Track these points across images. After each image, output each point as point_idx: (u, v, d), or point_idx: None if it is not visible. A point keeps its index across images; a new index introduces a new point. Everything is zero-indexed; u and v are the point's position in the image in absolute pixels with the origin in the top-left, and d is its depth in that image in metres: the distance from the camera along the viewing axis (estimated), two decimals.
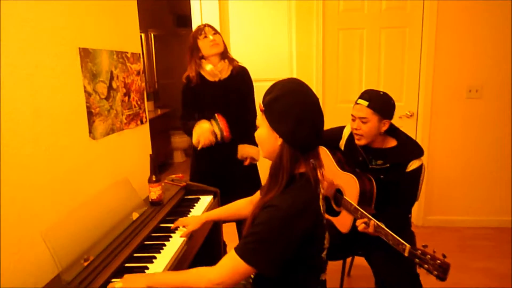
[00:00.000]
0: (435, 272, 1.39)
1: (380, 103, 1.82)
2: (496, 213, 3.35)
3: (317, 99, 1.21)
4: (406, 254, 1.52)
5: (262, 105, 1.23)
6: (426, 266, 1.42)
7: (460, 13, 3.05)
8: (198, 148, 2.32)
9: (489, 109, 3.18)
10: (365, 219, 1.69)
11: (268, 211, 1.14)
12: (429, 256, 1.42)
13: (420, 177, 1.90)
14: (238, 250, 1.15)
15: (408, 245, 1.51)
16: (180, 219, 1.77)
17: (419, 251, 1.46)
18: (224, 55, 2.43)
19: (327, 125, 2.98)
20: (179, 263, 1.55)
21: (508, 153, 3.23)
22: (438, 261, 1.39)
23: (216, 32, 2.39)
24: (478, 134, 3.24)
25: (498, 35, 3.05)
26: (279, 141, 1.19)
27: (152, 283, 1.22)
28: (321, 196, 1.26)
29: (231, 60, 2.46)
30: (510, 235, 3.21)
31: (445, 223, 3.41)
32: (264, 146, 1.25)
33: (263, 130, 1.23)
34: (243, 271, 1.14)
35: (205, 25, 2.40)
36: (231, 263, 1.15)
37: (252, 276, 1.42)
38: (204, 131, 2.28)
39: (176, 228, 1.75)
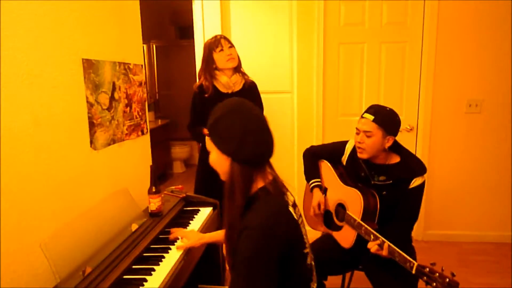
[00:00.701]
0: None
1: (386, 118, 1.82)
2: (496, 228, 3.34)
3: (258, 114, 1.22)
4: (413, 271, 1.49)
5: (206, 130, 1.24)
6: (434, 284, 1.40)
7: (460, 29, 3.08)
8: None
9: (488, 124, 3.20)
10: (379, 241, 1.66)
11: (246, 235, 1.12)
12: (437, 274, 1.40)
13: (422, 194, 1.89)
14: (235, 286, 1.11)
15: (416, 263, 1.49)
16: (180, 229, 1.76)
17: (427, 269, 1.43)
18: (238, 68, 2.47)
19: (328, 139, 2.97)
20: (178, 276, 1.54)
21: (508, 169, 3.23)
22: (447, 280, 1.36)
23: (231, 45, 2.43)
24: (478, 149, 3.25)
25: (498, 51, 3.07)
26: (228, 161, 1.19)
27: None
28: (290, 203, 1.25)
29: (243, 74, 2.51)
30: (510, 251, 3.19)
31: (445, 238, 3.40)
32: (219, 169, 1.24)
33: (213, 154, 1.23)
34: None
35: (221, 37, 2.43)
36: None
37: None
38: None
39: (175, 240, 1.74)
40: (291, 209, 1.24)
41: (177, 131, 5.83)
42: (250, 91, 2.52)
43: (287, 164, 3.44)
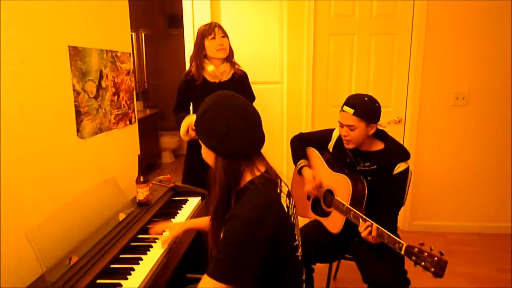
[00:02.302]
0: (433, 269, 1.40)
1: (366, 109, 1.83)
2: (481, 219, 3.41)
3: (246, 107, 1.21)
4: (402, 252, 1.53)
5: (193, 125, 1.24)
6: (423, 263, 1.44)
7: (449, 23, 3.10)
8: (184, 139, 2.34)
9: (475, 117, 3.24)
10: (368, 223, 1.69)
11: (231, 223, 1.12)
12: (426, 253, 1.44)
13: (406, 179, 1.92)
14: (212, 273, 1.10)
15: (405, 243, 1.53)
16: (159, 224, 1.70)
17: (416, 249, 1.47)
18: (228, 58, 2.44)
19: (318, 128, 2.99)
20: (166, 265, 1.54)
21: (493, 161, 3.29)
22: (436, 258, 1.40)
23: (225, 34, 2.40)
24: (464, 141, 3.30)
25: (486, 45, 3.11)
26: (214, 154, 1.20)
27: None
28: (283, 195, 1.23)
29: (233, 64, 2.48)
30: (494, 241, 3.26)
31: (430, 228, 3.45)
32: (209, 163, 1.25)
33: (203, 149, 1.24)
34: None
35: (216, 25, 2.38)
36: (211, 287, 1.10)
37: None
38: (192, 122, 2.28)
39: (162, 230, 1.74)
40: (284, 200, 1.22)
41: (166, 121, 5.79)
42: (240, 82, 2.50)
43: (276, 154, 3.45)
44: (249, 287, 1.12)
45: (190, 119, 2.27)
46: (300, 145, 2.18)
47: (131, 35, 2.46)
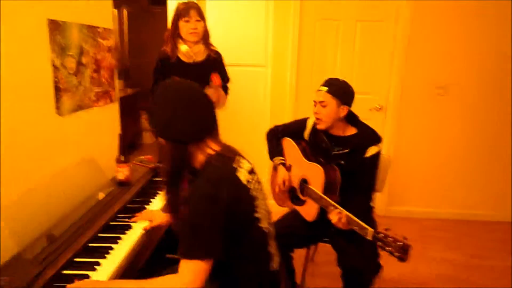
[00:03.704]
0: (397, 254, 1.45)
1: (339, 88, 1.91)
2: (456, 206, 3.51)
3: (188, 91, 1.24)
4: (369, 238, 1.57)
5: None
6: (388, 248, 1.48)
7: (434, 13, 3.12)
8: None
9: (454, 107, 3.30)
10: (338, 210, 1.72)
11: (189, 202, 1.17)
12: (391, 238, 1.48)
13: (378, 162, 1.97)
14: (183, 253, 1.16)
15: (371, 229, 1.57)
16: (143, 213, 1.69)
17: (382, 234, 1.52)
18: (203, 40, 2.40)
19: (301, 114, 3.01)
20: (145, 245, 1.54)
21: (469, 150, 3.38)
22: (399, 243, 1.45)
23: (200, 19, 2.35)
24: (442, 130, 3.36)
25: (468, 36, 3.15)
26: (163, 141, 1.23)
27: None
28: (242, 170, 1.29)
29: (208, 45, 2.44)
30: (467, 227, 3.37)
31: (406, 214, 3.55)
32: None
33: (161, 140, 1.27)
34: (203, 267, 1.15)
35: (192, 7, 2.33)
36: (189, 267, 1.15)
37: None
38: None
39: (144, 208, 1.73)
40: (242, 174, 1.28)
41: (147, 101, 5.67)
42: (214, 62, 2.47)
43: (259, 137, 3.44)
44: (217, 256, 1.19)
45: None
46: (275, 139, 2.21)
47: (113, 12, 2.39)
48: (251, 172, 1.34)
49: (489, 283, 2.59)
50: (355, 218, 1.66)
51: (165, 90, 1.25)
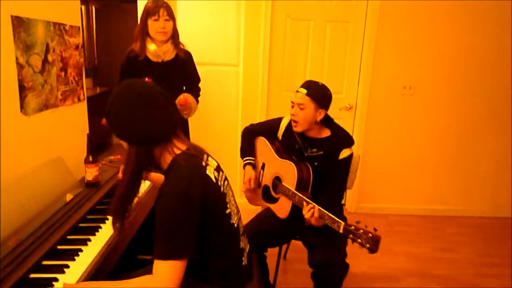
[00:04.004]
0: (368, 245, 1.49)
1: (318, 92, 1.92)
2: (421, 202, 3.64)
3: (146, 92, 1.21)
4: (341, 230, 1.60)
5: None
6: (359, 240, 1.52)
7: (401, 14, 3.21)
8: None
9: (420, 106, 3.42)
10: (311, 205, 1.75)
11: (161, 201, 1.18)
12: (361, 230, 1.52)
13: (350, 164, 2.02)
14: (160, 254, 1.15)
15: (342, 222, 1.61)
16: None
17: (353, 227, 1.56)
18: (173, 40, 2.39)
19: (272, 113, 3.01)
20: (115, 246, 1.51)
21: (435, 147, 3.51)
22: (370, 235, 1.49)
23: (169, 18, 2.33)
24: (409, 129, 3.48)
25: (434, 36, 3.27)
26: (126, 145, 1.24)
27: None
28: (209, 168, 1.30)
29: (177, 44, 2.42)
30: (431, 222, 3.50)
31: (375, 210, 3.65)
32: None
33: (122, 143, 1.27)
34: (180, 266, 1.16)
35: (162, 6, 2.30)
36: (166, 268, 1.15)
37: None
38: None
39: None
40: (210, 172, 1.28)
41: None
42: (183, 62, 2.46)
43: (230, 136, 3.45)
44: (192, 254, 1.19)
45: None
46: (250, 138, 2.23)
47: (81, 8, 2.33)
48: (218, 169, 1.35)
49: (454, 274, 2.70)
50: (327, 212, 1.69)
51: (125, 92, 1.22)
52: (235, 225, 1.38)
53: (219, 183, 1.31)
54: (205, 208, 1.21)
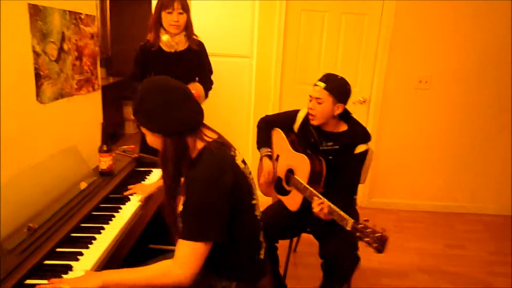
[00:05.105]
0: (374, 245, 1.48)
1: (336, 86, 1.89)
2: (432, 198, 3.61)
3: (177, 85, 1.25)
4: (348, 228, 1.60)
5: (132, 115, 1.28)
6: (366, 239, 1.52)
7: (418, 6, 3.15)
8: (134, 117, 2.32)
9: (435, 101, 3.37)
10: (321, 200, 1.74)
11: (192, 186, 1.19)
12: (369, 229, 1.51)
13: (365, 160, 1.99)
14: (186, 235, 1.18)
15: (351, 220, 1.60)
16: (137, 186, 1.81)
17: (361, 225, 1.55)
18: (185, 31, 2.39)
19: (285, 106, 3.00)
20: (128, 235, 1.53)
21: (448, 143, 3.46)
22: (378, 234, 1.48)
23: (184, 11, 2.32)
24: (423, 124, 3.43)
25: (451, 30, 3.20)
26: (160, 137, 1.23)
27: (109, 282, 1.17)
28: (237, 159, 1.31)
29: (190, 36, 2.42)
30: (441, 219, 3.47)
31: (386, 206, 3.62)
32: (158, 148, 1.28)
33: (148, 135, 1.27)
34: (203, 250, 1.18)
35: None
36: (189, 250, 1.17)
37: None
38: None
39: (126, 199, 1.73)
40: (239, 161, 1.30)
41: (130, 90, 5.60)
42: (196, 52, 2.46)
43: (242, 129, 3.45)
44: (220, 238, 1.21)
45: None
46: (266, 129, 2.21)
47: None
48: (244, 162, 1.36)
49: (465, 272, 2.67)
50: (337, 209, 1.68)
51: (154, 86, 1.24)
52: (258, 217, 1.39)
53: (247, 174, 1.33)
54: (235, 196, 1.23)
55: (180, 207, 1.22)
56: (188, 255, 1.17)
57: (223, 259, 1.32)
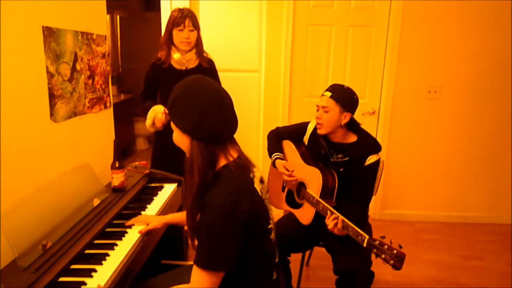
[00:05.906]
0: (392, 262, 1.46)
1: (343, 95, 1.91)
2: (446, 209, 3.55)
3: (218, 91, 1.22)
4: (365, 244, 1.58)
5: (166, 110, 1.25)
6: (383, 256, 1.49)
7: (424, 17, 3.17)
8: (150, 130, 2.37)
9: (445, 110, 3.35)
10: (335, 215, 1.73)
11: (207, 211, 1.14)
12: (386, 246, 1.49)
13: (377, 171, 1.98)
14: (200, 263, 1.15)
15: (367, 236, 1.58)
16: (139, 217, 1.71)
17: (377, 242, 1.53)
18: (196, 48, 2.43)
19: (294, 119, 3.01)
20: (141, 251, 1.54)
21: (461, 153, 3.42)
22: (395, 251, 1.46)
23: (194, 28, 2.36)
24: (434, 134, 3.41)
25: (459, 39, 3.20)
26: (188, 139, 1.20)
27: None
28: (256, 180, 1.27)
29: (201, 53, 2.46)
30: (457, 230, 3.41)
31: (399, 217, 3.57)
32: (182, 147, 1.26)
33: (175, 132, 1.25)
34: (216, 279, 1.16)
35: (187, 16, 2.33)
36: (203, 278, 1.15)
37: None
38: (158, 113, 2.27)
39: (140, 214, 1.73)
40: (256, 185, 1.26)
41: (140, 107, 5.68)
42: (207, 70, 2.50)
43: (252, 143, 3.46)
44: (232, 268, 1.17)
45: (156, 111, 2.28)
46: (276, 139, 2.21)
47: (106, 17, 2.39)
48: (261, 181, 1.32)
49: (483, 283, 2.61)
50: (351, 224, 1.66)
51: (198, 86, 1.21)
52: (273, 240, 1.35)
53: (263, 197, 1.29)
54: (251, 224, 1.19)
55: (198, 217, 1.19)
56: (200, 281, 1.15)
57: (240, 282, 1.28)
